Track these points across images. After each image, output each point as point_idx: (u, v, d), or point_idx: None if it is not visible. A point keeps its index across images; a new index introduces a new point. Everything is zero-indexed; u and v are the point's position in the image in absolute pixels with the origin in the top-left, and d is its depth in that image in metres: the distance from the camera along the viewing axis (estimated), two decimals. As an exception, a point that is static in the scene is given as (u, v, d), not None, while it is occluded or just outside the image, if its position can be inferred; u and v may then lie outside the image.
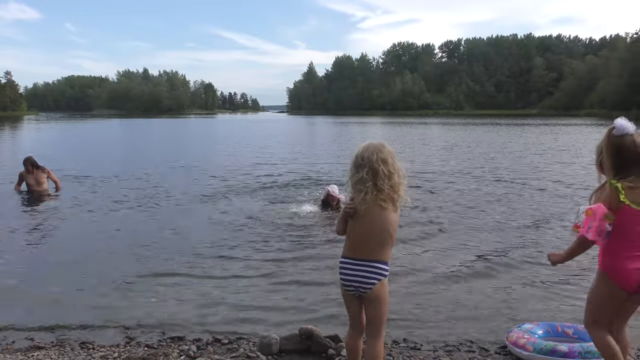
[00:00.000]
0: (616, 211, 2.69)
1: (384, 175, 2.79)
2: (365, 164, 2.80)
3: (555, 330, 4.05)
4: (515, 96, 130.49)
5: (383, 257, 2.90)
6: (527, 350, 3.79)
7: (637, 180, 2.69)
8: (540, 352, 3.72)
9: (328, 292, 5.15)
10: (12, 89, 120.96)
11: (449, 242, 7.09)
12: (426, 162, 17.25)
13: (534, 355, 3.73)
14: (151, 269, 5.89)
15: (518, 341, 3.87)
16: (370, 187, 2.78)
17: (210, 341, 4.03)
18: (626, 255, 2.73)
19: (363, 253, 2.88)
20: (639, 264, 2.71)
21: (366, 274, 2.88)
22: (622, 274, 2.74)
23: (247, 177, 13.71)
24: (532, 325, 4.10)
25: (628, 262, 2.72)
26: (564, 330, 4.03)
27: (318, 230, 7.68)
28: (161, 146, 27.87)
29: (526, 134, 34.26)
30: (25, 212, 9.45)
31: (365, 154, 2.81)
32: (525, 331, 3.99)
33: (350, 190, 2.92)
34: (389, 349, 3.87)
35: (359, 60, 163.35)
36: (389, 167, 2.81)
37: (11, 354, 3.76)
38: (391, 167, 2.82)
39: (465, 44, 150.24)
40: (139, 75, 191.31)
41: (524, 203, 9.88)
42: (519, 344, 3.86)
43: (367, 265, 2.87)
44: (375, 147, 2.84)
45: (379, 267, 2.89)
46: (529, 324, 4.14)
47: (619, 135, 2.76)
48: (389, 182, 2.80)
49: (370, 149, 2.82)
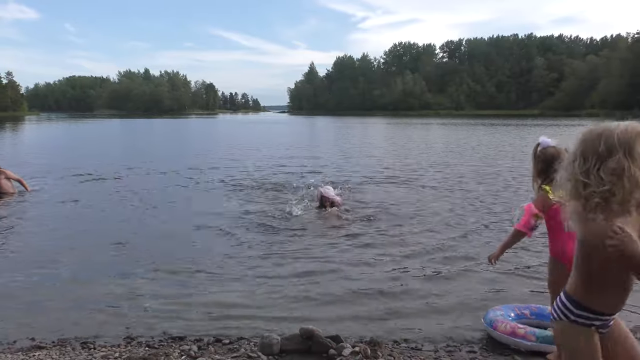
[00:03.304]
0: (550, 210, 3.28)
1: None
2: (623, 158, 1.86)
3: (515, 313, 4.16)
4: (516, 96, 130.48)
5: None
6: (529, 340, 3.78)
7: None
8: (544, 341, 3.71)
9: (328, 292, 5.16)
10: (13, 90, 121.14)
11: (453, 238, 7.10)
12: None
13: (537, 345, 3.74)
14: (151, 269, 5.89)
15: (516, 331, 3.85)
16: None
17: (211, 341, 4.03)
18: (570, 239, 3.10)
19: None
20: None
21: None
22: (570, 254, 2.92)
23: (246, 176, 13.72)
24: (502, 310, 4.16)
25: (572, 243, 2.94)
26: (522, 312, 4.18)
27: (315, 232, 7.67)
28: (163, 146, 27.85)
29: (533, 135, 34.25)
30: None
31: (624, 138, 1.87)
32: (507, 317, 4.05)
33: (565, 201, 2.05)
34: (390, 349, 3.88)
35: (360, 61, 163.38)
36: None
37: (12, 354, 3.76)
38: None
39: (466, 44, 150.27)
40: (140, 76, 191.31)
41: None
42: (517, 334, 3.83)
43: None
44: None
45: None
46: (497, 310, 4.18)
47: (544, 148, 3.43)
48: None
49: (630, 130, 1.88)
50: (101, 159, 18.68)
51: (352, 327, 4.34)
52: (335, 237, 7.34)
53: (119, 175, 14.00)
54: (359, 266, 6.01)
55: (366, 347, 3.71)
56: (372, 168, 15.88)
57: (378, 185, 12.24)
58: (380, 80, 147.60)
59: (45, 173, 14.33)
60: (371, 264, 6.10)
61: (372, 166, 16.46)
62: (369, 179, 13.17)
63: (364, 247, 6.79)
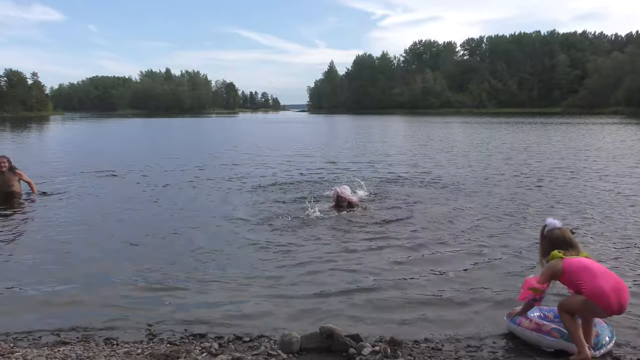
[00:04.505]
0: (563, 275, 3.80)
1: None
2: None
3: (539, 315, 4.20)
4: (538, 94, 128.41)
5: None
6: (553, 336, 3.85)
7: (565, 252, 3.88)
8: (568, 339, 3.77)
9: (347, 291, 5.16)
10: (38, 90, 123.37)
11: (473, 238, 7.05)
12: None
13: (560, 342, 3.81)
14: (171, 267, 5.96)
15: (541, 327, 3.92)
16: None
17: (231, 339, 4.06)
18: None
19: None
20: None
21: None
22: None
23: (264, 175, 13.79)
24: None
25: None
26: (546, 315, 4.23)
27: (332, 231, 7.67)
28: (185, 144, 28.05)
29: (558, 134, 33.77)
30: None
31: None
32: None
33: None
34: (410, 348, 3.86)
35: (379, 59, 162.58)
36: None
37: (38, 349, 3.84)
38: None
39: (488, 42, 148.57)
40: (161, 75, 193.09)
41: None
42: (543, 330, 3.90)
43: None
44: None
45: None
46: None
47: (550, 230, 4.01)
48: None
49: None
50: (125, 158, 18.92)
51: (371, 326, 4.34)
52: (352, 236, 7.33)
53: (142, 174, 14.18)
54: (377, 266, 5.99)
55: (386, 347, 3.70)
56: (390, 167, 15.82)
57: (396, 184, 12.18)
58: (400, 78, 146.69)
59: (70, 171, 14.55)
60: (390, 263, 6.08)
61: (391, 165, 16.38)
62: (387, 178, 13.12)
63: (381, 247, 6.76)
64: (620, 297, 3.64)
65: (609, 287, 3.64)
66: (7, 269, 5.99)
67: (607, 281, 3.67)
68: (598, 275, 3.70)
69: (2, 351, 3.75)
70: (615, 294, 3.63)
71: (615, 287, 3.66)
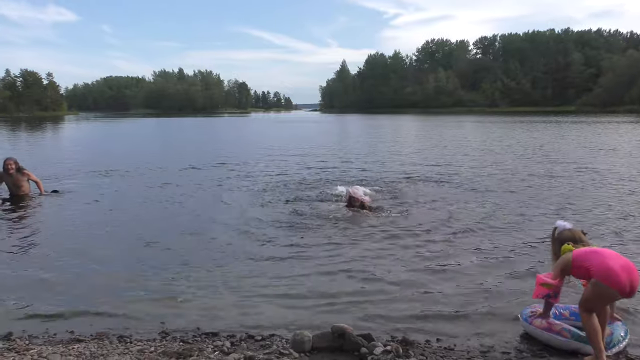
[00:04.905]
0: (573, 267, 3.77)
1: None
2: None
3: (554, 313, 4.17)
4: (552, 93, 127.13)
5: None
6: (563, 336, 3.84)
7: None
8: (579, 339, 3.78)
9: (360, 291, 5.17)
10: (53, 90, 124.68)
11: (486, 237, 7.01)
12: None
13: (570, 342, 3.82)
14: (184, 266, 6.00)
15: (552, 327, 3.91)
16: None
17: (243, 337, 4.08)
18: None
19: None
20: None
21: None
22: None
23: (277, 175, 13.82)
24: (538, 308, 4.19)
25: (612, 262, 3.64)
26: (562, 312, 4.21)
27: (344, 231, 7.67)
28: (199, 143, 28.19)
29: (572, 133, 33.46)
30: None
31: None
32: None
33: None
34: (422, 348, 3.85)
35: (391, 58, 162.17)
36: None
37: (53, 346, 3.88)
38: None
39: (501, 40, 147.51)
40: (174, 75, 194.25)
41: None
42: (553, 329, 3.89)
43: None
44: None
45: None
46: (536, 307, 4.21)
47: (560, 232, 4.07)
48: None
49: None
50: (138, 157, 19.04)
51: (383, 325, 4.33)
52: (364, 236, 7.32)
53: (155, 174, 14.27)
54: (389, 265, 5.98)
55: (398, 346, 3.69)
56: (402, 167, 15.77)
57: (408, 184, 12.14)
58: (412, 77, 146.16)
59: (82, 170, 14.70)
60: (402, 263, 6.07)
61: (402, 164, 16.34)
62: (399, 178, 13.09)
63: (393, 247, 6.75)
64: (631, 275, 3.57)
65: (618, 265, 3.57)
66: (22, 266, 6.06)
67: (615, 261, 3.61)
68: (606, 256, 3.66)
69: (18, 348, 3.80)
70: (626, 272, 3.55)
71: (624, 265, 3.60)
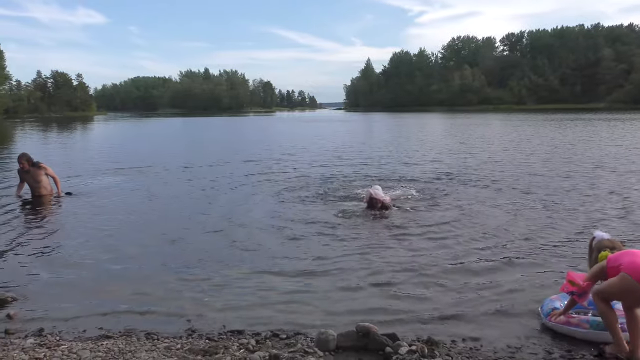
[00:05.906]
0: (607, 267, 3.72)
1: None
2: None
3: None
4: (581, 90, 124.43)
5: None
6: (582, 327, 3.85)
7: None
8: (598, 328, 3.78)
9: (384, 291, 5.15)
10: (83, 91, 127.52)
11: (508, 236, 6.92)
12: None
13: (591, 332, 3.82)
14: (209, 265, 6.06)
15: (570, 320, 3.92)
16: None
17: (268, 335, 4.10)
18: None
19: None
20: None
21: None
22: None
23: (300, 175, 13.86)
24: (560, 301, 4.21)
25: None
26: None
27: (366, 232, 7.64)
28: (225, 143, 28.45)
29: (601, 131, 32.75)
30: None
31: None
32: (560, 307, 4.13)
33: None
34: (448, 348, 3.81)
35: (416, 56, 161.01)
36: None
37: (82, 342, 3.97)
38: None
39: (528, 36, 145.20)
40: (200, 75, 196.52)
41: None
42: (571, 322, 3.90)
43: None
44: None
45: None
46: (555, 300, 4.26)
47: (599, 241, 4.03)
48: None
49: None
50: (166, 156, 19.31)
51: (409, 325, 4.31)
52: (387, 237, 7.29)
53: (182, 172, 14.47)
54: (412, 265, 5.94)
55: (423, 346, 3.67)
56: (425, 166, 15.67)
57: (432, 183, 12.04)
58: (438, 75, 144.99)
59: (111, 168, 14.97)
60: (425, 263, 6.02)
61: (426, 163, 16.22)
62: (422, 178, 13.00)
63: (417, 248, 6.70)
64: None
65: None
66: (50, 263, 6.21)
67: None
68: (637, 254, 3.59)
69: (49, 344, 3.90)
70: None
71: None
